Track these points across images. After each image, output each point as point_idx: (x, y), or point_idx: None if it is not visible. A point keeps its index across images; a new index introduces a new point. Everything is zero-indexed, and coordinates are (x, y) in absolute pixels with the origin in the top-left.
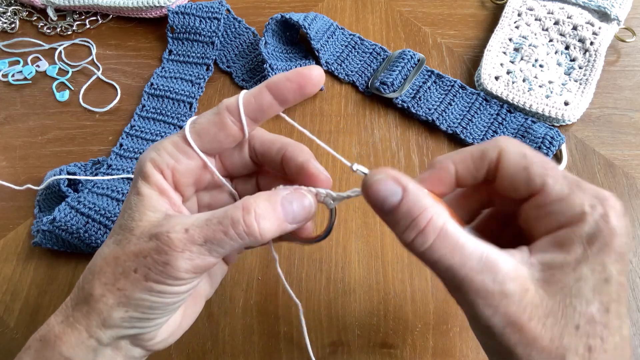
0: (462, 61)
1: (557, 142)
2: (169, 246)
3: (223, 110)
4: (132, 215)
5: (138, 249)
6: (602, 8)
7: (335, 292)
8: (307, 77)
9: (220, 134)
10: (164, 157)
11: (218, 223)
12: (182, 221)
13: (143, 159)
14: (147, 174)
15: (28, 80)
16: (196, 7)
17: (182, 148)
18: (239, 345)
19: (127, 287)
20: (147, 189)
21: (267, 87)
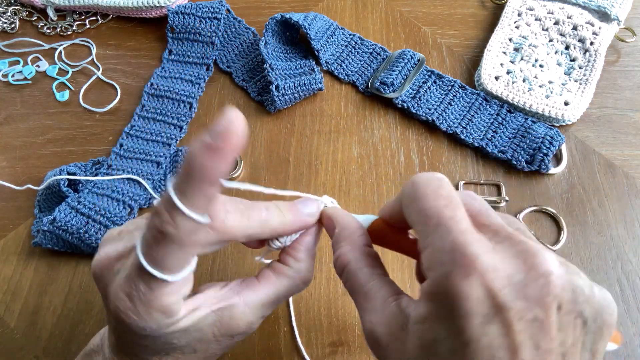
0: (462, 61)
1: (557, 142)
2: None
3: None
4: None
5: (226, 345)
6: (602, 8)
7: (335, 292)
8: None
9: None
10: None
11: (285, 298)
12: (254, 313)
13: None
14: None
15: (28, 80)
16: (196, 7)
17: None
18: (239, 345)
19: None
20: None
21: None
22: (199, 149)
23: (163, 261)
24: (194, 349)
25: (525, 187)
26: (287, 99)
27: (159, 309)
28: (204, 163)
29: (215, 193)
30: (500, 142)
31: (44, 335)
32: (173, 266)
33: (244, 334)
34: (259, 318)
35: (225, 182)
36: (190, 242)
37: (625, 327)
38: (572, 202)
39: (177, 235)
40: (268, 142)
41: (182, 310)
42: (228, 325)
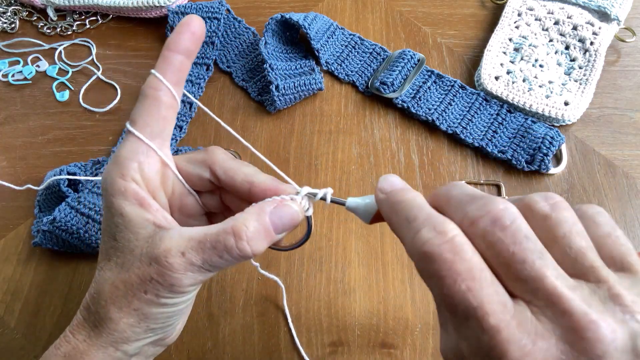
0: (462, 61)
1: (557, 142)
2: (171, 270)
3: (149, 90)
4: (125, 236)
5: (142, 273)
6: (602, 8)
7: (335, 292)
8: (189, 23)
9: (160, 111)
10: (127, 166)
11: (212, 247)
12: (175, 241)
13: (109, 177)
14: (120, 189)
15: (28, 80)
16: (196, 7)
17: (137, 148)
18: (239, 345)
19: (142, 307)
20: (128, 206)
21: (169, 50)
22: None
23: (132, 112)
24: (122, 260)
25: (525, 187)
26: (287, 99)
27: (116, 158)
28: (168, 39)
29: (179, 62)
30: (500, 142)
31: (44, 335)
32: (137, 116)
33: (158, 270)
34: (178, 252)
35: None
36: (150, 94)
37: None
38: (572, 202)
39: (142, 87)
40: (268, 142)
41: (132, 185)
42: (154, 243)
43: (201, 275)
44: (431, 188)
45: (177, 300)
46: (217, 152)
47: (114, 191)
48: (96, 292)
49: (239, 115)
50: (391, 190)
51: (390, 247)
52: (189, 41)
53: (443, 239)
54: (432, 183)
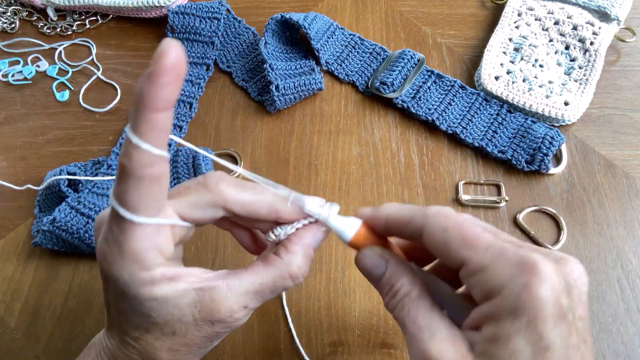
0: (462, 61)
1: (557, 142)
2: (238, 322)
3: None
4: (164, 312)
5: (207, 333)
6: (602, 8)
7: (335, 292)
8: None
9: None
10: (149, 259)
11: (271, 292)
12: (236, 301)
13: (128, 274)
14: (147, 280)
15: (28, 80)
16: (196, 7)
17: (149, 237)
18: (239, 345)
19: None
20: (159, 290)
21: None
22: (140, 79)
23: (125, 197)
24: (172, 329)
25: (525, 187)
26: (287, 99)
27: (130, 255)
28: (144, 90)
29: (164, 122)
30: (500, 142)
31: (44, 335)
32: (137, 203)
33: (225, 325)
34: (241, 307)
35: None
36: (146, 175)
37: (626, 327)
38: (572, 202)
39: (130, 166)
40: (268, 142)
41: (158, 270)
42: (208, 308)
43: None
44: (431, 188)
45: None
46: (223, 187)
47: (139, 285)
48: (149, 358)
49: (239, 115)
50: None
51: None
52: (170, 91)
53: None
54: (432, 183)
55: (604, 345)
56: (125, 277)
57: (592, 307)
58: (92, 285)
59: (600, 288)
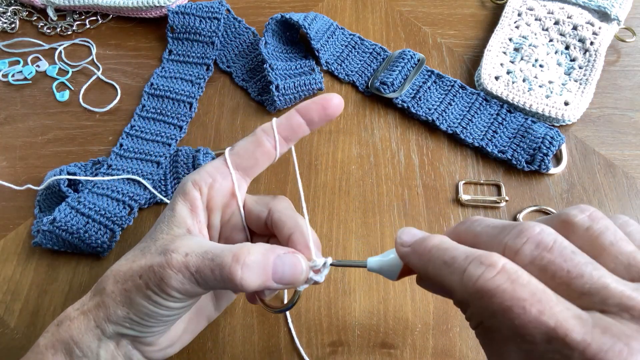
0: (462, 61)
1: (557, 142)
2: (169, 264)
3: (259, 131)
4: (162, 227)
5: (150, 260)
6: (602, 8)
7: (335, 292)
8: (329, 100)
9: (256, 152)
10: (203, 177)
11: (211, 259)
12: (189, 244)
13: (185, 180)
14: (185, 190)
15: (28, 80)
16: (196, 7)
17: (220, 169)
18: (239, 345)
19: (131, 290)
20: (181, 205)
21: (297, 110)
22: (309, 100)
23: (238, 144)
24: (143, 249)
25: (525, 187)
26: (287, 99)
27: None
28: (306, 103)
29: (296, 123)
30: (500, 142)
31: None
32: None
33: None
34: (184, 252)
35: None
36: (260, 138)
37: None
38: (572, 202)
39: (257, 129)
40: None
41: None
42: (173, 240)
43: (189, 286)
44: (431, 188)
45: (161, 300)
46: (282, 201)
47: (180, 190)
48: (113, 266)
49: (239, 115)
50: (414, 241)
51: (390, 247)
52: (316, 114)
53: (495, 270)
54: (432, 183)
55: None
56: (183, 180)
57: None
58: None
59: None
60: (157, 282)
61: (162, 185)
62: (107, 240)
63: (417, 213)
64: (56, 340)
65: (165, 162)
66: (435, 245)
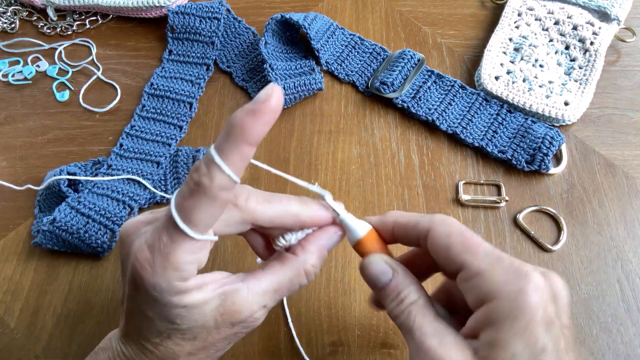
0: (462, 61)
1: (557, 142)
2: (257, 322)
3: (219, 192)
4: (189, 319)
5: (226, 334)
6: (602, 8)
7: (335, 292)
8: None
9: (222, 212)
10: (189, 270)
11: (288, 290)
12: (255, 301)
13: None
14: (181, 290)
15: (28, 80)
16: (196, 7)
17: (195, 251)
18: (239, 345)
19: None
20: (189, 298)
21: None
22: (241, 112)
23: (192, 213)
24: (194, 335)
25: (525, 187)
26: (287, 99)
27: (173, 265)
28: (244, 122)
29: (249, 155)
30: (500, 142)
31: (44, 335)
32: (200, 221)
33: (245, 325)
34: (261, 307)
35: None
36: (221, 198)
37: (626, 327)
38: (572, 202)
39: (210, 187)
40: (268, 142)
41: (192, 281)
42: (230, 310)
43: None
44: (431, 188)
45: None
46: (252, 205)
47: (174, 293)
48: None
49: None
50: None
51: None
52: (265, 129)
53: None
54: (432, 183)
55: (604, 345)
56: (162, 286)
57: (592, 307)
58: (92, 285)
59: (600, 288)
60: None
61: (162, 185)
62: (107, 240)
63: None
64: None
65: (165, 162)
66: None
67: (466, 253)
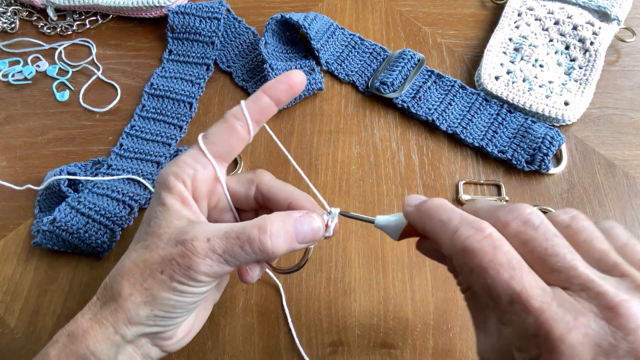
0: (462, 61)
1: (557, 142)
2: (193, 252)
3: (230, 117)
4: (159, 222)
5: (165, 253)
6: (602, 8)
7: (335, 292)
8: (292, 78)
9: (231, 138)
10: (183, 169)
11: (236, 237)
12: (205, 229)
13: (165, 173)
14: (170, 185)
15: (28, 80)
16: (196, 7)
17: (199, 159)
18: (239, 345)
19: (153, 287)
20: (171, 199)
21: (264, 91)
22: (273, 80)
23: (209, 130)
24: (147, 243)
25: (525, 187)
26: None
27: (178, 162)
28: (270, 82)
29: (265, 105)
30: (500, 142)
31: (44, 335)
32: (211, 134)
33: (183, 250)
34: (205, 239)
35: None
36: (232, 122)
37: None
38: (572, 202)
39: (227, 113)
40: (268, 142)
41: (179, 186)
42: (182, 230)
43: (218, 267)
44: (431, 188)
45: (189, 289)
46: (265, 174)
47: (163, 185)
48: (116, 269)
49: None
50: (419, 202)
51: (390, 247)
52: (283, 92)
53: (482, 235)
54: (432, 183)
55: None
56: (162, 174)
57: None
58: (92, 285)
59: None
60: (184, 272)
61: None
62: (107, 240)
63: None
64: (70, 352)
65: (165, 162)
66: (436, 205)
67: None
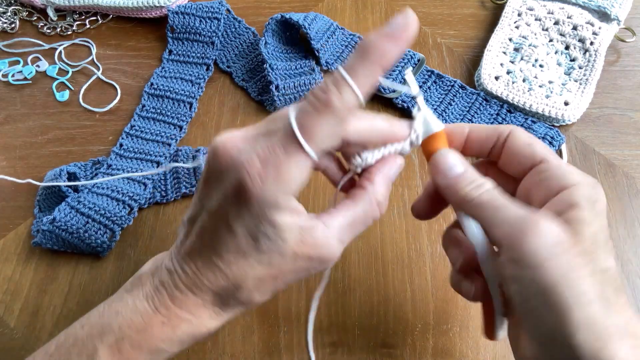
0: (462, 61)
1: (557, 142)
2: (335, 257)
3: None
4: (273, 242)
5: (299, 266)
6: (602, 8)
7: (335, 292)
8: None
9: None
10: (294, 187)
11: (362, 223)
12: (333, 235)
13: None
14: (281, 205)
15: (28, 80)
16: (196, 7)
17: (306, 170)
18: (239, 345)
19: (282, 286)
20: (281, 217)
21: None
22: (377, 36)
23: (313, 130)
24: (270, 260)
25: None
26: (287, 99)
27: (284, 179)
28: (382, 45)
29: (377, 81)
30: None
31: (44, 335)
32: (319, 138)
33: (321, 260)
34: (338, 242)
35: None
36: (345, 118)
37: None
38: None
39: (339, 106)
40: None
41: (292, 202)
42: (310, 244)
43: None
44: None
45: None
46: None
47: (271, 205)
48: (234, 285)
49: (239, 115)
50: None
51: (390, 247)
52: (398, 56)
53: None
54: None
55: None
56: (268, 198)
57: None
58: (92, 285)
59: None
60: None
61: (162, 185)
62: (107, 240)
63: None
64: None
65: (165, 162)
66: None
67: (546, 149)
